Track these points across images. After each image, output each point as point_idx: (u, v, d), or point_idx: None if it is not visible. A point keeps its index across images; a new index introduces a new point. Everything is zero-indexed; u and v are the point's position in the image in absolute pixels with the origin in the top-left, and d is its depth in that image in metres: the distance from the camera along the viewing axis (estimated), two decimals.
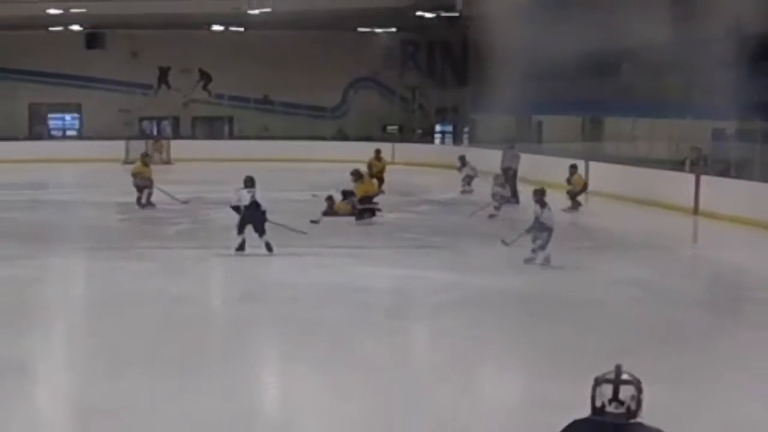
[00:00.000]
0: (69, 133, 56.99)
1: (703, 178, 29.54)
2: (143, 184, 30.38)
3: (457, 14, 45.93)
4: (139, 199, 30.40)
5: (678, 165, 31.80)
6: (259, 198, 21.63)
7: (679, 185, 30.12)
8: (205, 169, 36.63)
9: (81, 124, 57.00)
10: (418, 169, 42.83)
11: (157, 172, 30.66)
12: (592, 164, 34.80)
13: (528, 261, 20.32)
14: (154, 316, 16.11)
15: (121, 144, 50.77)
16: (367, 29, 55.19)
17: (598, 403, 5.31)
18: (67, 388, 12.44)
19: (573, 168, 30.94)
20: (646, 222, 28.72)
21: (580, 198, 30.95)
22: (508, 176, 31.64)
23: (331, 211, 27.63)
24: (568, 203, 30.32)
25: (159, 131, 55.61)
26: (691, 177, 29.93)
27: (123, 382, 12.02)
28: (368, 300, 17.71)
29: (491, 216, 27.83)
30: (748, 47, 29.03)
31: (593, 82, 38.69)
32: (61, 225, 27.65)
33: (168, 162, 50.04)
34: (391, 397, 11.71)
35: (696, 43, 29.89)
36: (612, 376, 5.34)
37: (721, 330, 15.91)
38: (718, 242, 25.82)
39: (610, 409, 5.27)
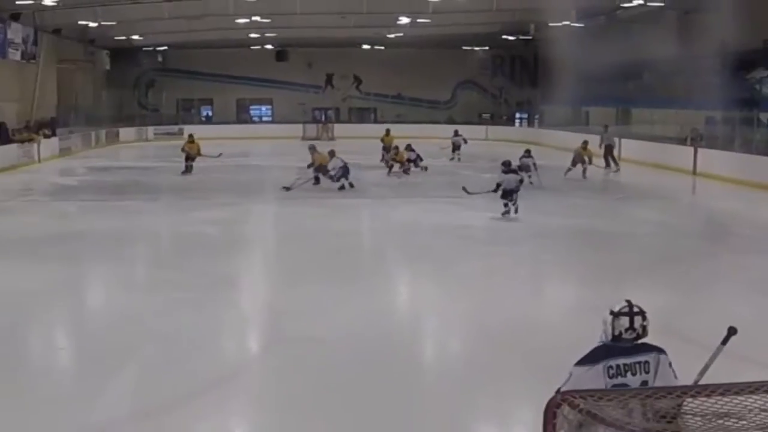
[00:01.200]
0: (264, 119, 57.46)
1: (700, 150, 29.22)
2: (191, 155, 29.33)
3: (530, 37, 45.55)
4: (187, 167, 29.24)
5: (682, 141, 31.37)
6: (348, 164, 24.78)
7: (683, 155, 29.67)
8: (358, 144, 36.54)
9: (272, 112, 57.41)
10: (504, 143, 42.43)
11: (324, 145, 30.46)
12: (624, 141, 34.25)
13: (504, 214, 19.29)
14: (323, 244, 16.23)
15: (299, 126, 51.86)
16: (469, 48, 54.80)
17: (617, 332, 4.89)
18: (263, 295, 12.54)
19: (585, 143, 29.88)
20: (660, 180, 28.35)
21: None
22: (609, 151, 31.12)
23: (393, 161, 29.56)
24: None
25: (326, 118, 55.81)
26: (691, 149, 29.60)
27: (302, 291, 12.14)
28: (468, 233, 17.58)
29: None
30: (731, 60, 29.08)
31: (624, 83, 38.59)
32: (259, 182, 27.90)
33: (332, 138, 50.06)
34: (486, 300, 11.69)
35: (694, 57, 29.60)
36: (626, 309, 4.91)
37: (714, 254, 15.64)
38: (710, 194, 25.23)
39: (625, 336, 4.86)
